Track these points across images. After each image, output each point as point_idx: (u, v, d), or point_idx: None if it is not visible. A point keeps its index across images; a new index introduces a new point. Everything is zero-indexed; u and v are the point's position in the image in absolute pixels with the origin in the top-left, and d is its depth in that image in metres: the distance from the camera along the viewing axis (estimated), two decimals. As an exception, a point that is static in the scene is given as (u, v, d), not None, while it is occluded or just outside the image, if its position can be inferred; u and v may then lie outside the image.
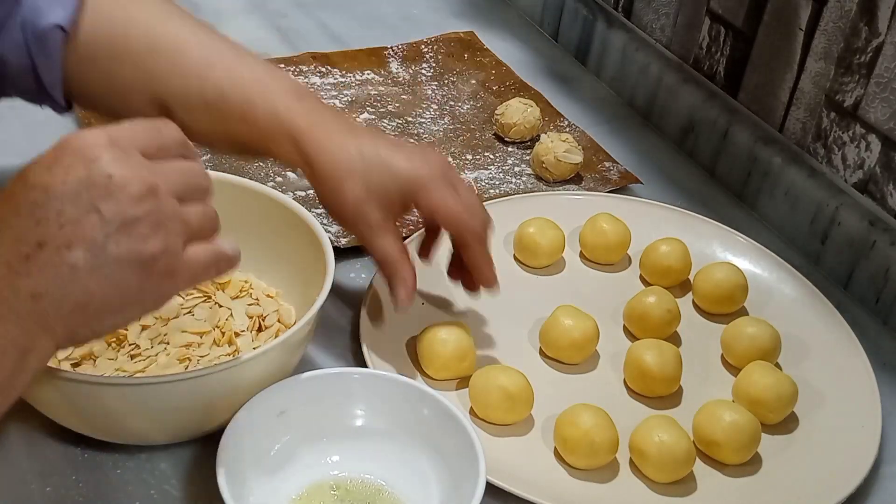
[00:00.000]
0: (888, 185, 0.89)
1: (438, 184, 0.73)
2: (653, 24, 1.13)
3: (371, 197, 0.72)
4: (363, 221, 0.73)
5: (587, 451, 0.71)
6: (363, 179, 0.72)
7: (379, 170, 0.73)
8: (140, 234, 0.52)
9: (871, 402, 0.78)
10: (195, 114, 0.74)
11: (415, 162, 0.74)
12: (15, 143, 0.97)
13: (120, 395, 0.63)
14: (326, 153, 0.72)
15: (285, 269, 0.78)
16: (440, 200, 0.73)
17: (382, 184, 0.73)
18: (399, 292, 0.74)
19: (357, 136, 0.74)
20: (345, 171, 0.72)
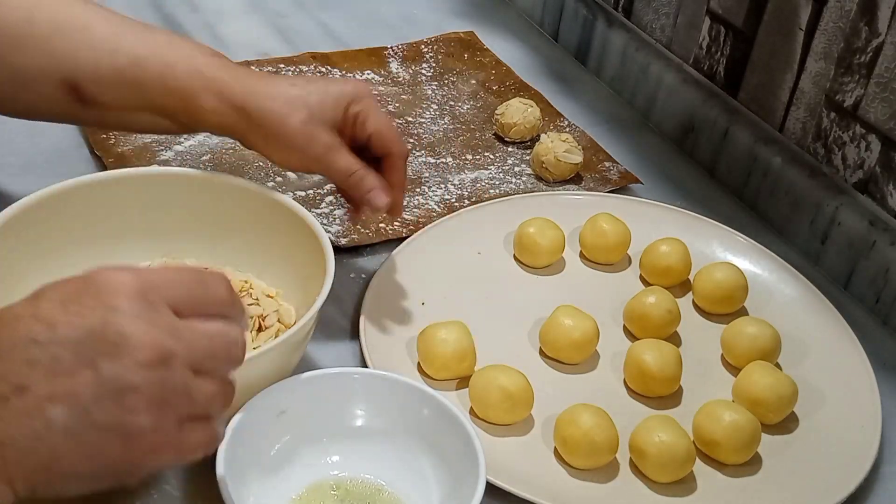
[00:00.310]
0: (888, 185, 0.89)
1: (371, 100, 0.76)
2: (653, 24, 1.13)
3: (316, 120, 0.73)
4: (316, 144, 0.74)
5: (587, 451, 0.71)
6: (304, 105, 0.73)
7: (316, 92, 0.74)
8: (133, 405, 0.48)
9: (871, 402, 0.78)
10: (108, 86, 0.73)
11: (346, 82, 0.78)
12: (15, 143, 0.97)
13: (120, 395, 0.63)
14: (260, 95, 0.73)
15: (285, 269, 0.78)
16: (375, 114, 0.75)
17: (323, 103, 0.74)
18: (375, 197, 0.75)
19: (283, 78, 0.76)
20: (283, 103, 0.73)
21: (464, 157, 1.03)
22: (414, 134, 1.06)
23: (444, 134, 1.06)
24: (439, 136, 1.06)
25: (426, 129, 1.07)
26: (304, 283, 0.74)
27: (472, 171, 1.01)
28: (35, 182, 0.76)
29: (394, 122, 0.79)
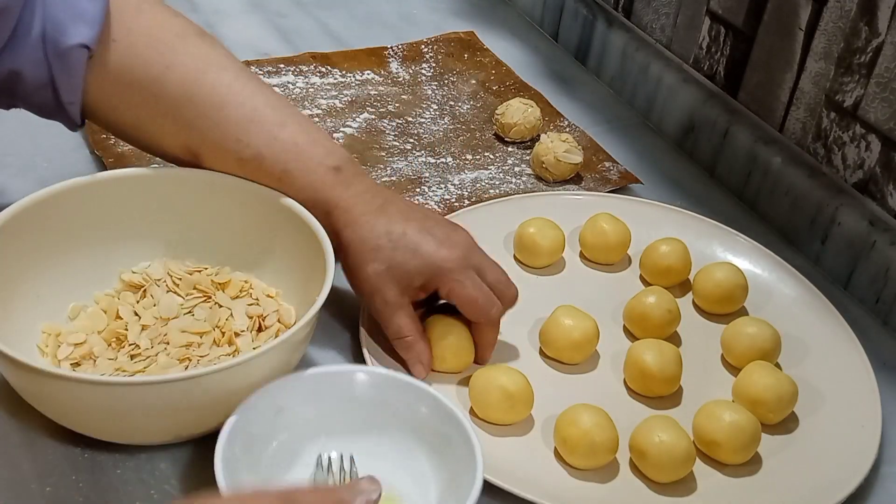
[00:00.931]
0: (888, 185, 0.89)
1: (459, 271, 0.74)
2: (653, 24, 1.13)
3: (390, 276, 0.74)
4: (379, 297, 0.74)
5: (587, 451, 0.71)
6: (386, 259, 0.74)
7: (403, 252, 0.74)
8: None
9: (872, 402, 0.78)
10: (228, 167, 0.76)
11: (441, 248, 0.75)
12: (15, 143, 0.97)
13: (120, 395, 0.63)
14: (355, 231, 0.74)
15: (285, 269, 0.78)
16: (459, 289, 0.74)
17: (404, 265, 0.74)
18: (416, 370, 0.75)
19: (388, 215, 0.75)
20: (370, 249, 0.74)
21: (464, 157, 1.03)
22: (414, 134, 1.06)
23: (444, 134, 1.06)
24: (439, 136, 1.06)
25: (426, 129, 1.07)
26: (304, 283, 0.74)
27: (472, 171, 1.01)
28: (35, 182, 0.76)
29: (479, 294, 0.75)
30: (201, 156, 0.76)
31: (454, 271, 0.74)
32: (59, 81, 0.73)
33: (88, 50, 0.72)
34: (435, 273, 0.74)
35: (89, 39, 0.72)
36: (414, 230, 0.75)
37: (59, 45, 0.72)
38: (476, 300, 0.75)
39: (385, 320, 0.75)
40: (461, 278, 0.74)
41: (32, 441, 0.70)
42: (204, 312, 0.76)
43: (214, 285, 0.78)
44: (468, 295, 0.75)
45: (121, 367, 0.72)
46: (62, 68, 0.72)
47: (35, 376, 0.64)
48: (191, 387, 0.64)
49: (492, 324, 0.77)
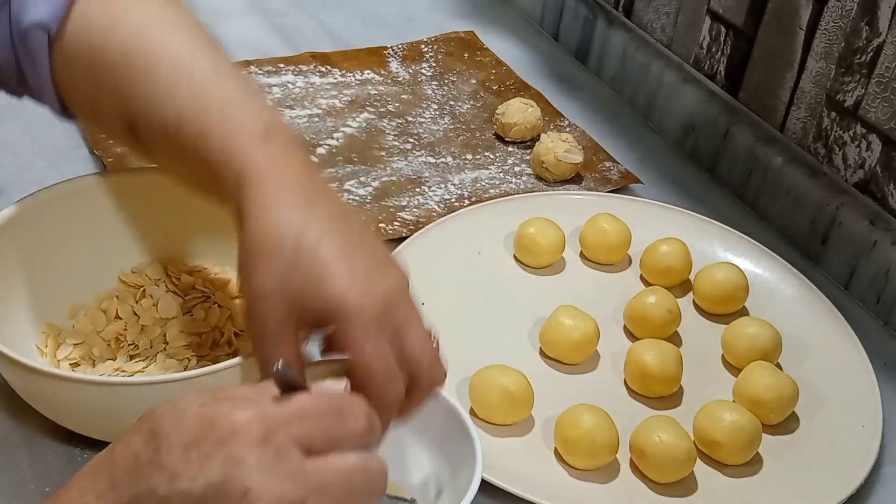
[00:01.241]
0: (889, 185, 0.89)
1: (366, 326, 0.54)
2: (653, 23, 1.13)
3: (283, 293, 0.55)
4: (258, 318, 0.56)
5: (587, 451, 0.71)
6: (281, 273, 0.55)
7: (305, 273, 0.55)
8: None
9: (872, 402, 0.78)
10: (156, 136, 0.64)
11: (353, 285, 0.54)
12: (15, 143, 0.97)
13: (120, 395, 0.63)
14: (260, 216, 0.57)
15: (285, 268, 0.77)
16: (356, 349, 0.54)
17: (299, 291, 0.55)
18: None
19: (310, 211, 0.57)
20: (267, 249, 0.56)
21: (464, 157, 1.03)
22: (414, 134, 1.05)
23: (444, 134, 1.06)
24: (439, 136, 1.06)
25: (426, 128, 1.07)
26: (303, 283, 0.74)
27: (472, 171, 1.01)
28: (35, 182, 0.76)
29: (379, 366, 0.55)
30: (137, 127, 0.65)
31: (359, 324, 0.54)
32: (24, 64, 0.67)
33: (48, 29, 0.65)
34: (333, 317, 0.54)
35: (47, 17, 0.65)
36: (332, 246, 0.55)
37: (20, 25, 0.65)
38: (372, 372, 0.54)
39: (257, 347, 0.56)
40: (363, 337, 0.54)
41: (32, 441, 0.70)
42: (203, 312, 0.76)
43: (214, 285, 0.78)
44: (363, 362, 0.54)
45: (120, 367, 0.72)
46: (24, 49, 0.66)
47: (34, 376, 0.64)
48: (190, 387, 0.63)
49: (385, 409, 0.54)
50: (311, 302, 0.55)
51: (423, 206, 0.95)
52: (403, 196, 0.96)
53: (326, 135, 1.04)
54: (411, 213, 0.94)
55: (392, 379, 0.55)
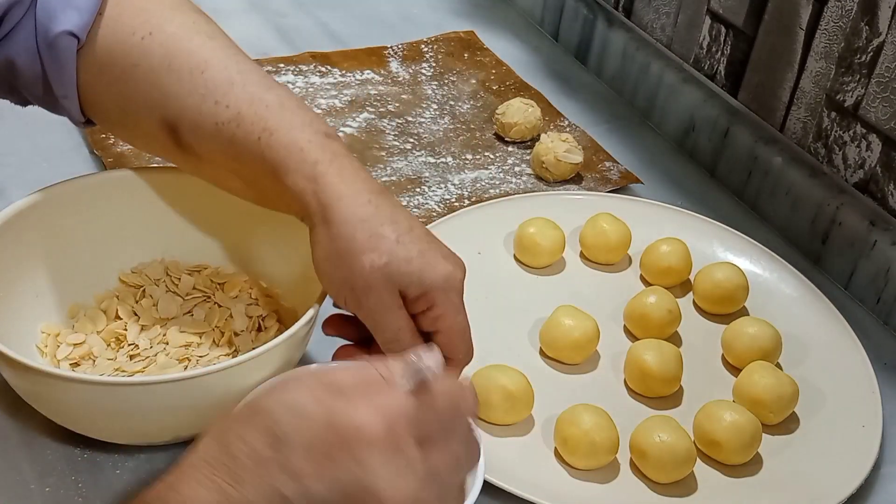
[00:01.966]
0: (889, 185, 0.89)
1: (458, 294, 0.64)
2: (653, 23, 1.13)
3: (391, 275, 0.62)
4: (375, 295, 0.62)
5: (587, 451, 0.71)
6: (388, 252, 0.62)
7: (407, 249, 0.62)
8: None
9: (872, 402, 0.78)
10: (205, 138, 0.67)
11: (446, 261, 0.64)
12: (15, 143, 0.97)
13: (120, 395, 0.63)
14: (351, 207, 0.62)
15: (285, 269, 0.77)
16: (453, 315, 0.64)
17: (408, 265, 0.62)
18: None
19: (391, 202, 0.64)
20: (370, 235, 0.62)
21: (464, 157, 1.03)
22: (414, 134, 1.05)
23: (444, 134, 1.06)
24: (439, 136, 1.06)
25: (426, 128, 1.07)
26: (304, 283, 0.74)
27: (473, 171, 1.01)
28: (35, 182, 0.76)
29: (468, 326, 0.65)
30: (179, 128, 0.67)
31: (453, 298, 0.64)
32: (50, 73, 0.68)
33: (76, 38, 0.66)
34: (437, 287, 0.63)
35: (77, 26, 0.66)
36: (419, 230, 0.64)
37: (48, 34, 0.66)
38: (467, 332, 0.65)
39: (378, 322, 0.64)
40: (459, 303, 0.64)
41: (32, 441, 0.70)
42: (203, 312, 0.76)
43: (214, 285, 0.78)
44: (461, 324, 0.65)
45: (120, 367, 0.72)
46: (51, 58, 0.67)
47: (34, 376, 0.63)
48: (190, 387, 0.63)
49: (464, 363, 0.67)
50: (416, 277, 0.62)
51: (423, 206, 0.95)
52: (403, 196, 0.96)
53: (326, 135, 1.03)
54: (411, 213, 0.94)
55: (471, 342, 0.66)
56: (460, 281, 0.64)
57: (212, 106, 0.66)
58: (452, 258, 0.65)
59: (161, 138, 0.69)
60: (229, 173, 0.69)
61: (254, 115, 0.65)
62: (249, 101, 0.65)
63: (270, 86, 0.67)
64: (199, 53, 0.67)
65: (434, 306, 0.64)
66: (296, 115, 0.65)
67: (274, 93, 0.66)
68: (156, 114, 0.68)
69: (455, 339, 0.65)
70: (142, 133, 0.71)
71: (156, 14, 0.68)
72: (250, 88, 0.66)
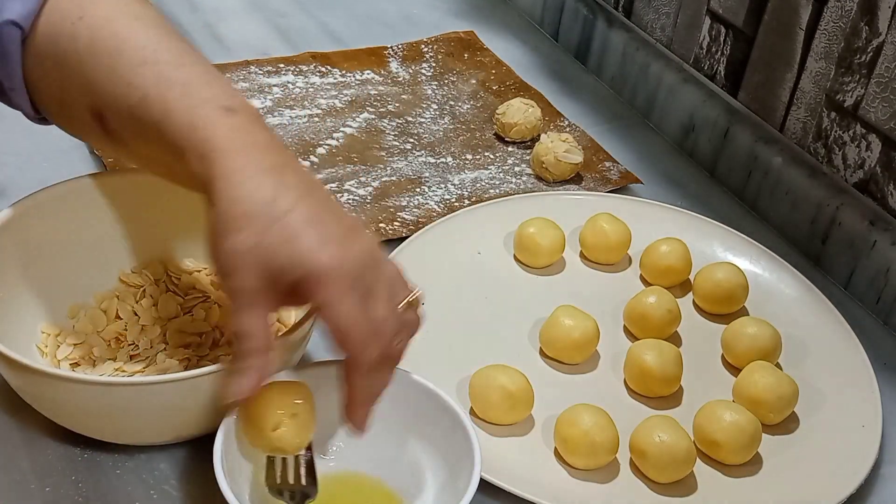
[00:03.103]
0: (889, 185, 0.89)
1: (338, 284, 0.57)
2: (653, 23, 1.13)
3: (254, 258, 0.57)
4: (234, 281, 0.57)
5: (587, 451, 0.71)
6: (256, 235, 0.57)
7: (278, 233, 0.57)
8: None
9: (872, 402, 0.78)
10: (123, 124, 0.64)
11: (326, 246, 0.57)
12: (15, 142, 0.97)
13: (120, 395, 0.63)
14: (231, 185, 0.58)
15: (285, 268, 0.77)
16: (330, 309, 0.57)
17: (274, 251, 0.57)
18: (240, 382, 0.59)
19: (282, 179, 0.59)
20: (240, 214, 0.57)
21: (464, 157, 1.03)
22: (414, 134, 1.05)
23: (444, 134, 1.06)
24: (439, 136, 1.06)
25: (426, 128, 1.07)
26: (303, 283, 0.74)
27: (472, 171, 1.01)
28: (35, 182, 0.76)
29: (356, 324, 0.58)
30: (105, 117, 0.64)
31: (332, 283, 0.57)
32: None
33: (20, 28, 0.64)
34: (307, 277, 0.57)
35: (20, 15, 0.63)
36: (303, 211, 0.58)
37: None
38: (348, 331, 0.58)
39: (234, 311, 0.58)
40: (337, 295, 0.57)
41: (32, 441, 0.70)
42: (203, 312, 0.76)
43: (213, 285, 0.78)
44: (339, 321, 0.57)
45: (120, 367, 0.72)
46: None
47: (34, 376, 0.64)
48: (190, 387, 0.63)
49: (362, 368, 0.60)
50: (285, 266, 0.56)
51: (423, 206, 0.95)
52: (403, 196, 0.96)
53: (326, 135, 1.04)
54: (411, 213, 0.94)
55: (371, 335, 0.58)
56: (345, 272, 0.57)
57: (125, 88, 0.62)
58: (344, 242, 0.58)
59: (93, 127, 0.66)
60: (150, 158, 0.66)
61: (158, 95, 0.61)
62: (156, 81, 0.62)
63: (182, 63, 0.63)
64: (119, 35, 0.64)
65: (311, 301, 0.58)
66: (199, 92, 0.61)
67: (184, 70, 0.63)
68: (84, 101, 0.65)
69: (338, 338, 0.58)
70: (78, 123, 0.69)
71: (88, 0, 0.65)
72: (160, 67, 0.62)
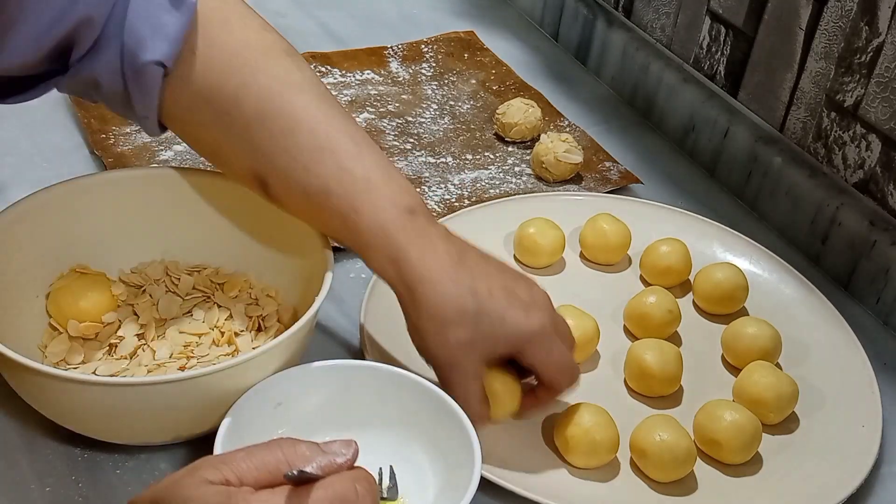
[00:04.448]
0: (889, 185, 0.89)
1: (550, 340, 0.68)
2: (653, 23, 1.13)
3: (474, 346, 0.66)
4: (459, 370, 0.67)
5: (588, 450, 0.71)
6: (471, 326, 0.66)
7: (490, 319, 0.66)
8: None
9: (872, 402, 0.78)
10: (294, 199, 0.70)
11: (529, 315, 0.67)
12: (15, 142, 0.97)
13: (119, 395, 0.63)
14: (434, 287, 0.66)
15: (285, 268, 0.77)
16: (546, 357, 0.69)
17: (492, 335, 0.66)
18: None
19: (468, 269, 0.67)
20: (453, 312, 0.65)
21: (464, 157, 1.03)
22: (414, 134, 1.05)
23: (444, 134, 1.06)
24: (439, 136, 1.06)
25: (426, 128, 1.07)
26: (304, 283, 0.74)
27: (473, 171, 1.01)
28: (35, 182, 0.76)
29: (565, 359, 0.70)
30: (269, 184, 0.70)
31: (543, 342, 0.68)
32: (134, 96, 0.69)
33: (164, 68, 0.68)
34: (524, 343, 0.68)
35: (166, 57, 0.67)
36: (499, 290, 0.67)
37: (135, 61, 0.67)
38: (561, 374, 0.70)
39: (456, 389, 0.67)
40: (546, 349, 0.68)
41: (32, 441, 0.70)
42: (203, 312, 0.76)
43: (213, 285, 0.78)
44: (557, 363, 0.69)
45: (120, 367, 0.72)
46: (136, 83, 0.68)
47: (34, 376, 0.64)
48: (190, 387, 0.63)
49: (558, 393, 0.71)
50: (502, 342, 0.67)
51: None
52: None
53: (326, 135, 1.03)
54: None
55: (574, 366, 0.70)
56: (547, 327, 0.68)
57: (301, 173, 0.68)
58: (535, 307, 0.68)
59: (251, 184, 0.72)
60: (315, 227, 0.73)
61: (342, 192, 0.67)
62: (339, 176, 0.67)
63: (359, 153, 0.68)
64: (289, 112, 0.68)
65: (524, 357, 0.68)
66: (382, 192, 0.67)
67: (362, 163, 0.68)
68: (246, 164, 0.70)
69: (552, 376, 0.70)
70: (231, 173, 0.74)
71: (249, 62, 0.69)
72: (339, 159, 0.68)
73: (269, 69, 0.70)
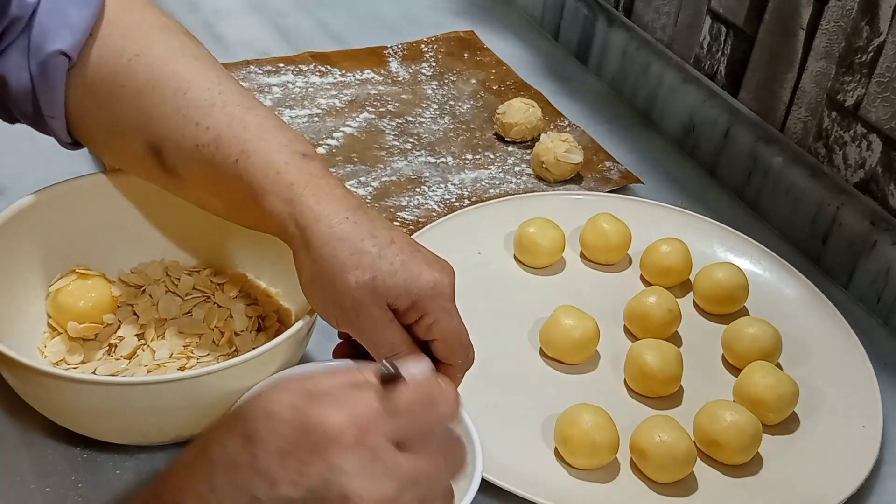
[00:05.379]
0: (889, 185, 0.89)
1: (449, 299, 0.64)
2: (653, 23, 1.13)
3: (375, 287, 0.62)
4: (364, 312, 0.63)
5: (588, 450, 0.71)
6: (371, 267, 0.62)
7: (390, 261, 0.62)
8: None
9: (872, 402, 0.78)
10: (188, 160, 0.67)
11: (431, 268, 0.64)
12: (15, 143, 0.97)
13: (120, 395, 0.63)
14: (331, 228, 0.62)
15: (285, 269, 0.77)
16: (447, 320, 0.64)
17: (392, 277, 0.62)
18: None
19: (369, 216, 0.64)
20: (351, 253, 0.62)
21: (464, 157, 1.03)
22: (414, 134, 1.05)
23: (444, 134, 1.06)
24: (439, 136, 1.05)
25: (426, 128, 1.06)
26: (303, 282, 0.74)
27: (473, 171, 1.01)
28: (35, 182, 0.76)
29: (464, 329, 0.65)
30: (163, 150, 0.68)
31: (443, 297, 0.64)
32: (40, 92, 0.68)
33: (67, 58, 0.67)
34: (425, 296, 0.63)
35: (69, 46, 0.67)
36: (401, 240, 0.64)
37: (40, 52, 0.67)
38: (464, 336, 0.65)
39: (372, 338, 0.64)
40: (450, 308, 0.64)
41: (31, 441, 0.70)
42: (202, 313, 0.76)
43: (213, 285, 0.78)
44: (455, 329, 0.65)
45: (120, 367, 0.72)
46: (42, 77, 0.68)
47: (34, 376, 0.63)
48: (190, 387, 0.63)
49: (465, 368, 0.67)
50: (402, 289, 0.62)
51: (423, 206, 0.95)
52: (403, 196, 0.96)
53: (326, 135, 1.04)
54: (411, 213, 0.94)
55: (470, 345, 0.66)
56: (449, 286, 0.64)
57: (193, 128, 0.66)
58: (438, 264, 0.65)
59: (146, 160, 0.70)
60: (211, 195, 0.69)
61: (232, 136, 0.65)
62: (228, 122, 0.66)
63: (251, 105, 0.67)
64: (182, 74, 0.68)
65: (425, 315, 0.63)
66: (274, 136, 0.66)
67: (254, 113, 0.67)
68: (140, 135, 0.69)
69: (452, 345, 0.65)
70: (128, 155, 0.72)
71: (144, 36, 0.69)
72: (230, 109, 0.67)
73: (164, 41, 0.69)
